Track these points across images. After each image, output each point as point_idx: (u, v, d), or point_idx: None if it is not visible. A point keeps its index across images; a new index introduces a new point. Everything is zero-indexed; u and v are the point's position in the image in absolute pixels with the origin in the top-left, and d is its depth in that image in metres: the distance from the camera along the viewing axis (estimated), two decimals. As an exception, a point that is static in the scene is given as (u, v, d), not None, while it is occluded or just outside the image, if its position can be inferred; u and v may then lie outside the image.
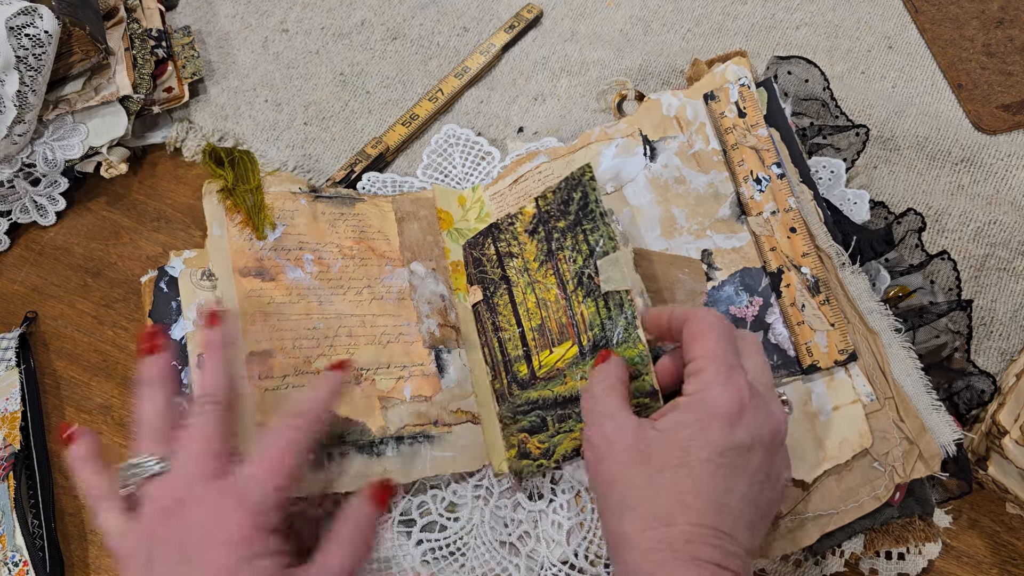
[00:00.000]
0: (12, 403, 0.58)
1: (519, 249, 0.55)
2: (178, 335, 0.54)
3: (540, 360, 0.52)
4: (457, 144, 0.67)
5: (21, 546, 0.54)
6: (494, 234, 0.57)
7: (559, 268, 0.52)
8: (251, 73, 0.73)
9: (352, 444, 0.51)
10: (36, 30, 0.59)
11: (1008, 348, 0.58)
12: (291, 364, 0.52)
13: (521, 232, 0.55)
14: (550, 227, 0.54)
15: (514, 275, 0.55)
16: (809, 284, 0.51)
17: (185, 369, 0.53)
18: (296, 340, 0.53)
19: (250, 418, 0.49)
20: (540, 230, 0.54)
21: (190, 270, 0.56)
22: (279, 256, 0.55)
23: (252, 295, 0.54)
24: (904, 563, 0.51)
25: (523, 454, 0.51)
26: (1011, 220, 0.61)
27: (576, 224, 0.52)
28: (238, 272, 0.54)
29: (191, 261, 0.56)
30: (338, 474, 0.50)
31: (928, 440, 0.48)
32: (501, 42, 0.73)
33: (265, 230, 0.56)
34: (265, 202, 0.57)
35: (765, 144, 0.55)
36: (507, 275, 0.55)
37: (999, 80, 0.67)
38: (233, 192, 0.56)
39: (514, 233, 0.56)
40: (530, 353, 0.53)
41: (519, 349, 0.54)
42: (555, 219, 0.53)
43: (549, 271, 0.53)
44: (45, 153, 0.65)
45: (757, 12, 0.73)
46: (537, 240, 0.54)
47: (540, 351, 0.52)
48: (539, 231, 0.54)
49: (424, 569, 0.50)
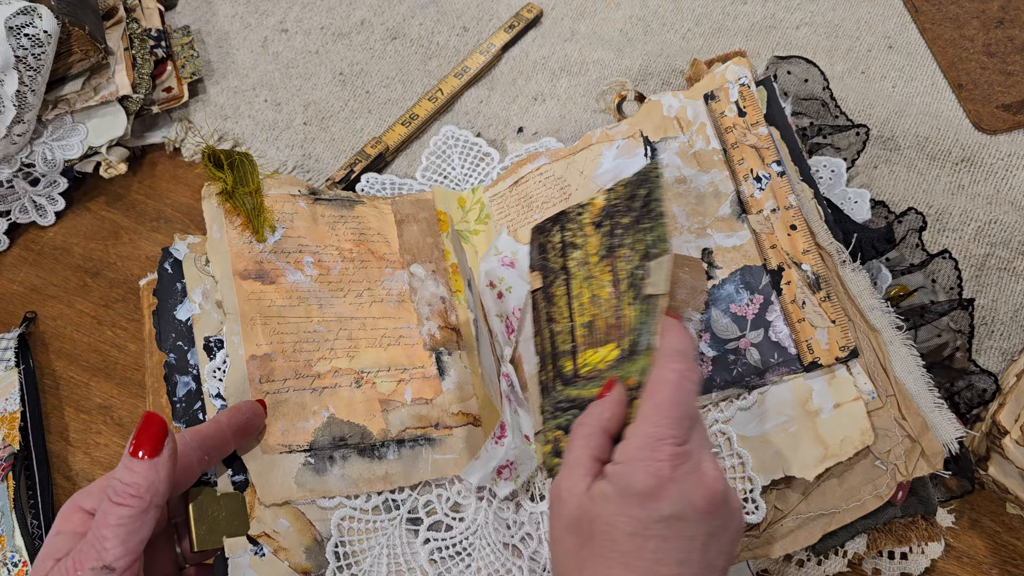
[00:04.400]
0: (11, 403, 0.58)
1: (583, 241, 0.53)
2: (183, 317, 0.54)
3: (584, 358, 0.51)
4: (456, 145, 0.67)
5: (21, 546, 0.53)
6: (562, 222, 0.55)
7: (616, 266, 0.51)
8: (250, 73, 0.73)
9: (353, 447, 0.51)
10: (35, 30, 0.59)
11: (1009, 348, 0.58)
12: (291, 368, 0.52)
13: (587, 224, 0.53)
14: (615, 222, 0.52)
15: (574, 267, 0.53)
16: (810, 281, 0.51)
17: (192, 350, 0.53)
18: (297, 343, 0.53)
19: None
20: (605, 224, 0.52)
21: (194, 255, 0.55)
22: (279, 259, 0.55)
23: (252, 298, 0.53)
24: (907, 563, 0.51)
25: (556, 452, 0.50)
26: (1011, 220, 0.61)
27: (638, 221, 0.50)
28: (238, 275, 0.54)
29: (195, 247, 0.56)
30: (339, 477, 0.50)
31: (930, 438, 0.48)
32: (501, 42, 0.73)
33: (265, 232, 0.56)
34: (265, 204, 0.57)
35: (765, 142, 0.55)
36: (567, 266, 0.54)
37: (999, 80, 0.67)
38: (232, 195, 0.56)
39: (580, 224, 0.54)
40: (576, 350, 0.51)
41: (568, 344, 0.52)
42: (621, 214, 0.51)
43: (607, 268, 0.51)
44: (44, 153, 0.64)
45: (757, 12, 0.73)
46: (602, 233, 0.52)
47: (585, 349, 0.51)
48: (604, 224, 0.52)
49: (432, 569, 0.50)
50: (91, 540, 0.39)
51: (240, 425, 0.48)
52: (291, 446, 0.50)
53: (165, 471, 0.40)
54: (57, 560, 0.39)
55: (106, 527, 0.38)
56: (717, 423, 0.50)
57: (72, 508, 0.42)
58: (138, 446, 0.40)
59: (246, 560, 0.46)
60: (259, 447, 0.49)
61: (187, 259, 0.55)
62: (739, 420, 0.50)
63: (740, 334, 0.52)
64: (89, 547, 0.38)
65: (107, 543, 0.38)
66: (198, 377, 0.52)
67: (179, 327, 0.54)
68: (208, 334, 0.53)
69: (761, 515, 0.48)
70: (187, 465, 0.44)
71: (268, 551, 0.47)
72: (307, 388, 0.52)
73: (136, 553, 0.39)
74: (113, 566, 0.38)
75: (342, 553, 0.49)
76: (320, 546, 0.48)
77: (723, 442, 0.50)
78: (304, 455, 0.50)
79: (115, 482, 0.39)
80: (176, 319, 0.54)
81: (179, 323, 0.54)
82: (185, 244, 0.56)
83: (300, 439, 0.50)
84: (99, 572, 0.38)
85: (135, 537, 0.39)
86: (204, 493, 0.47)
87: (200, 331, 0.53)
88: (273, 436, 0.50)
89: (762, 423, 0.50)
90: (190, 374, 0.52)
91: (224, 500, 0.47)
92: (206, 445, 0.45)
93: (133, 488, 0.39)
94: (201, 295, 0.54)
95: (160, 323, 0.54)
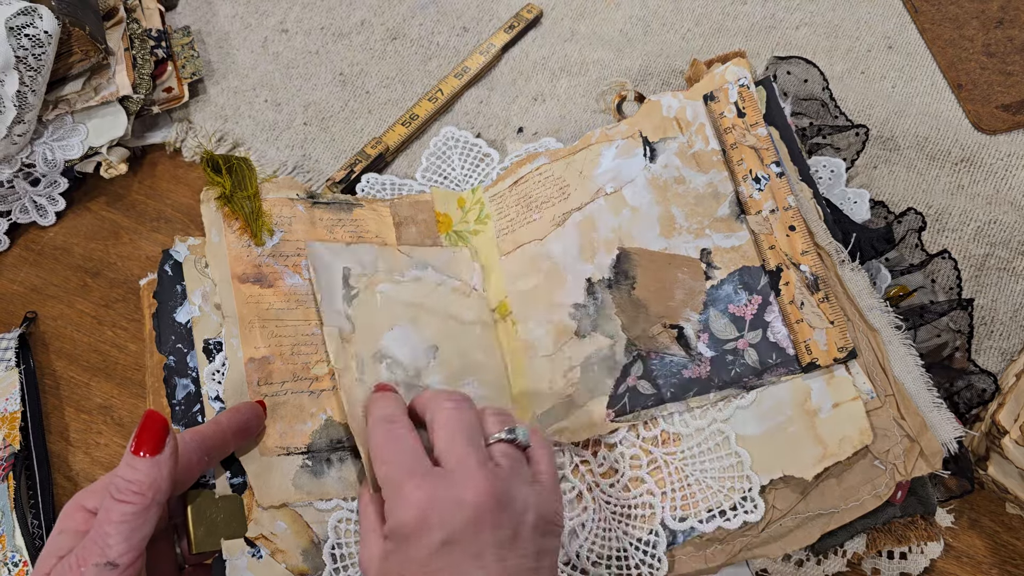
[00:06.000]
0: (12, 403, 0.58)
1: None
2: (183, 319, 0.54)
3: None
4: (456, 146, 0.67)
5: (21, 546, 0.54)
6: None
7: None
8: (251, 73, 0.73)
9: (350, 449, 0.51)
10: (36, 30, 0.59)
11: (1008, 348, 0.58)
12: (290, 370, 0.52)
13: None
14: None
15: None
16: (808, 282, 0.51)
17: (191, 353, 0.53)
18: (295, 346, 0.53)
19: None
20: None
21: (194, 257, 0.56)
22: (277, 262, 0.55)
23: (250, 301, 0.53)
24: (906, 562, 0.51)
25: None
26: (1011, 220, 0.61)
27: None
28: (236, 279, 0.54)
29: (195, 248, 0.56)
30: (336, 480, 0.50)
31: (929, 438, 0.48)
32: (501, 42, 0.73)
33: (263, 236, 0.56)
34: (263, 208, 0.57)
35: (764, 143, 0.55)
36: None
37: (999, 80, 0.67)
38: (231, 199, 0.56)
39: None
40: None
41: None
42: None
43: None
44: (45, 153, 0.65)
45: (757, 12, 0.73)
46: None
47: None
48: None
49: None
50: (94, 537, 0.39)
51: (240, 426, 0.48)
52: (289, 448, 0.50)
53: (167, 468, 0.40)
54: (60, 558, 0.39)
55: (109, 524, 0.39)
56: (716, 422, 0.50)
57: (74, 507, 0.42)
58: (140, 444, 0.40)
59: (244, 562, 0.47)
60: (257, 449, 0.49)
61: (187, 261, 0.56)
62: (738, 419, 0.50)
63: (738, 335, 0.52)
64: (92, 544, 0.39)
65: (110, 539, 0.38)
66: (197, 380, 0.52)
67: (179, 329, 0.54)
68: (207, 336, 0.53)
69: (760, 514, 0.48)
70: (187, 465, 0.44)
71: (265, 553, 0.47)
72: (305, 391, 0.52)
73: (139, 550, 0.39)
74: (116, 562, 0.38)
75: (339, 555, 0.49)
76: (317, 548, 0.48)
77: (721, 441, 0.50)
78: (302, 457, 0.50)
79: (117, 479, 0.40)
80: (176, 321, 0.54)
81: (179, 325, 0.54)
82: (185, 246, 0.56)
83: (298, 441, 0.50)
84: (103, 568, 0.38)
85: (138, 534, 0.39)
86: (202, 495, 0.47)
87: (200, 333, 0.53)
88: (271, 438, 0.50)
89: (761, 422, 0.50)
90: (189, 376, 0.52)
91: (222, 502, 0.47)
92: (206, 445, 0.46)
93: (136, 485, 0.39)
94: (201, 297, 0.54)
95: (160, 325, 0.54)
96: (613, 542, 0.50)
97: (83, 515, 0.41)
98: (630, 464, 0.51)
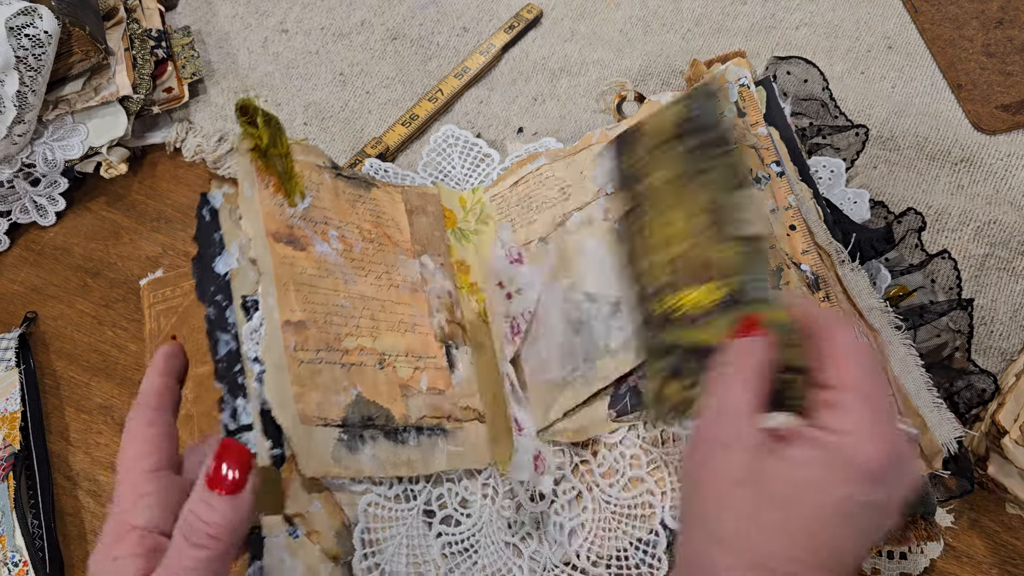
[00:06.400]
0: (12, 403, 0.58)
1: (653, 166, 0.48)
2: (222, 270, 0.51)
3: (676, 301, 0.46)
4: (456, 145, 0.67)
5: (21, 546, 0.54)
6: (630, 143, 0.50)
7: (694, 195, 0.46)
8: (251, 73, 0.73)
9: (380, 428, 0.50)
10: (36, 30, 0.59)
11: (1008, 348, 0.58)
12: (323, 339, 0.51)
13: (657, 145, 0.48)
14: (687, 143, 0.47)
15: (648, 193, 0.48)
16: (808, 281, 0.51)
17: (230, 307, 0.50)
18: (327, 315, 0.52)
19: (287, 392, 0.47)
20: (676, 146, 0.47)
21: (229, 207, 0.53)
22: (307, 227, 0.54)
23: (285, 262, 0.51)
24: (906, 562, 0.51)
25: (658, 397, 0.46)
26: (1011, 220, 0.61)
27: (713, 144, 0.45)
28: (271, 236, 0.52)
29: (230, 198, 0.54)
30: (370, 457, 0.49)
31: (929, 438, 0.48)
32: (501, 42, 0.73)
33: (295, 198, 0.53)
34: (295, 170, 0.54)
35: (764, 143, 0.55)
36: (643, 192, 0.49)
37: (999, 80, 0.67)
38: (266, 154, 0.53)
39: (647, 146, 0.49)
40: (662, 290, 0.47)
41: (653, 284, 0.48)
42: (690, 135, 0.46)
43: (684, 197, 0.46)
44: (45, 153, 0.65)
45: (757, 12, 0.73)
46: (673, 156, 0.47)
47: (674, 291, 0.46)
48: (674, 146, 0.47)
49: (443, 563, 0.50)
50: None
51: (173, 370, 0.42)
52: (327, 419, 0.48)
53: (246, 509, 0.35)
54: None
55: (181, 570, 0.34)
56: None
57: (122, 527, 0.36)
58: (217, 480, 0.35)
59: (281, 540, 0.45)
60: (298, 416, 0.47)
61: (223, 209, 0.53)
62: (738, 420, 0.50)
63: (739, 334, 0.52)
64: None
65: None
66: (237, 337, 0.50)
67: (218, 280, 0.51)
68: (245, 293, 0.50)
69: (760, 515, 0.48)
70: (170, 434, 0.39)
71: (301, 532, 0.47)
72: (337, 362, 0.51)
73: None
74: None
75: (367, 540, 0.48)
76: (348, 531, 0.48)
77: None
78: (338, 431, 0.49)
79: (191, 517, 0.35)
80: (215, 272, 0.52)
81: (218, 276, 0.51)
82: (221, 194, 0.53)
83: (334, 414, 0.49)
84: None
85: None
86: None
87: (238, 288, 0.50)
88: (309, 407, 0.48)
89: (761, 422, 0.50)
90: (229, 332, 0.50)
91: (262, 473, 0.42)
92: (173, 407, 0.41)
93: (212, 528, 0.34)
94: (238, 249, 0.51)
95: (200, 273, 0.52)
96: (613, 542, 0.50)
97: (136, 536, 0.36)
98: (630, 464, 0.52)
